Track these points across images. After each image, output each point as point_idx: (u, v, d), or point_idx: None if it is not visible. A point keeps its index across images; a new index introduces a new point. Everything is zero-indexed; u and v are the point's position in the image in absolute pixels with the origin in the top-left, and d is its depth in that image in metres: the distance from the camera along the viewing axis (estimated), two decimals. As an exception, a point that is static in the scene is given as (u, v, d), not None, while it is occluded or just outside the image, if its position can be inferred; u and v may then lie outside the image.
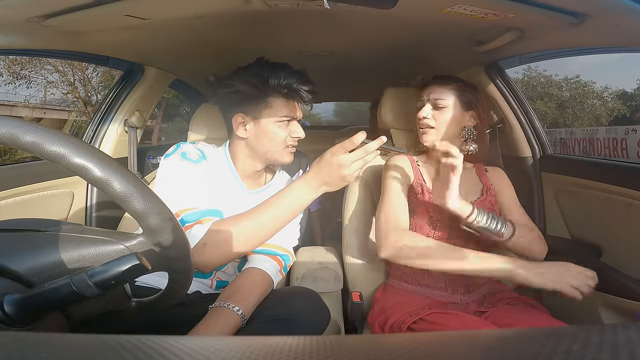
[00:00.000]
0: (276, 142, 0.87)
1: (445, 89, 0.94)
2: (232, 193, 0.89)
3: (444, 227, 0.93)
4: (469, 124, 0.96)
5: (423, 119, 0.94)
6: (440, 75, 0.98)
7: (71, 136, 0.38)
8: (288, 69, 0.86)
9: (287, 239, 0.92)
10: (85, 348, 0.18)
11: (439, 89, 0.95)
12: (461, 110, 0.94)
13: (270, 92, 0.85)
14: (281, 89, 0.84)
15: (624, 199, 0.93)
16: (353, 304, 0.96)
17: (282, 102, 0.85)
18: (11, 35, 0.87)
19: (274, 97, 0.85)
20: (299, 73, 0.86)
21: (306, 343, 0.19)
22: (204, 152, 0.88)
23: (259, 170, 0.93)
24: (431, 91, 0.95)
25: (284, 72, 0.84)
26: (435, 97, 0.94)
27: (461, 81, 0.97)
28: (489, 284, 0.94)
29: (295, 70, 0.87)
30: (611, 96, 12.28)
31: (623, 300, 0.91)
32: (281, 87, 0.84)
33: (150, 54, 1.29)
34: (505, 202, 0.96)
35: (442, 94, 0.94)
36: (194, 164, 0.83)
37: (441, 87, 0.95)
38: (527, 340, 0.20)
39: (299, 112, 0.89)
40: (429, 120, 0.94)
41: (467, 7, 0.78)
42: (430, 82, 0.97)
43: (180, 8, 0.87)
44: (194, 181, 0.81)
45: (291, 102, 0.87)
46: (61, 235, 0.43)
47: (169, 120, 9.81)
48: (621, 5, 0.67)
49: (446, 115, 0.94)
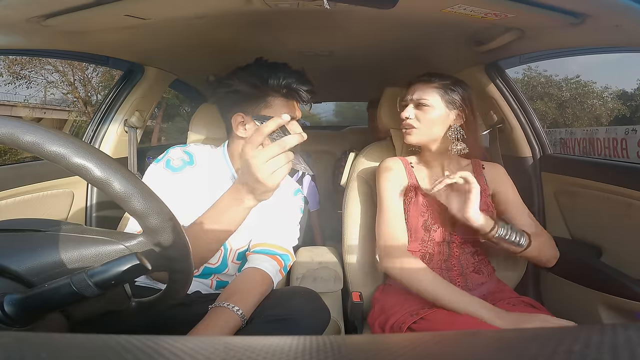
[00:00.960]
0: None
1: (428, 88, 0.94)
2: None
3: (438, 230, 0.93)
4: (455, 123, 0.95)
5: (406, 119, 0.95)
6: (427, 73, 0.97)
7: (71, 136, 0.38)
8: (287, 69, 0.86)
9: (287, 239, 0.92)
10: (85, 348, 0.18)
11: (422, 87, 0.94)
12: (445, 109, 0.93)
13: (270, 92, 0.85)
14: (280, 88, 0.84)
15: (624, 199, 0.93)
16: (353, 304, 0.96)
17: (281, 101, 0.85)
18: (11, 35, 0.87)
19: (273, 96, 0.85)
20: (298, 73, 0.86)
21: (306, 343, 0.19)
22: (193, 155, 0.88)
23: None
24: (414, 90, 0.95)
25: (283, 72, 0.84)
26: (418, 96, 0.94)
27: (449, 79, 0.95)
28: (489, 284, 0.94)
29: (294, 70, 0.87)
30: (611, 96, 12.29)
31: (623, 300, 0.91)
32: (280, 86, 0.84)
33: (150, 54, 1.29)
34: (509, 204, 0.95)
35: (425, 93, 0.93)
36: (174, 173, 0.84)
37: (425, 85, 0.94)
38: (527, 340, 0.20)
39: (298, 112, 0.89)
40: (411, 120, 0.94)
41: (467, 7, 0.78)
42: (414, 81, 0.97)
43: (180, 8, 0.87)
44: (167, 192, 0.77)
45: (290, 102, 0.87)
46: (61, 235, 0.43)
47: (169, 120, 9.81)
48: (621, 5, 0.67)
49: (429, 114, 0.93)
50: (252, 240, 0.91)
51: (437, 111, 0.93)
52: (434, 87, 0.94)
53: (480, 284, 0.93)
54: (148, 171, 0.86)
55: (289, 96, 0.86)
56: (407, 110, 0.95)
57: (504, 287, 0.96)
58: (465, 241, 0.94)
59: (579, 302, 1.03)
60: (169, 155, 0.86)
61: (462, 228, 0.92)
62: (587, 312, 1.00)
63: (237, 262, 0.91)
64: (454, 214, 0.86)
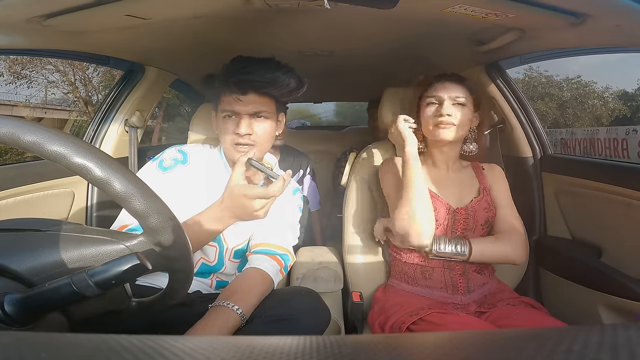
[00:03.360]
0: (223, 138, 0.86)
1: (462, 87, 0.94)
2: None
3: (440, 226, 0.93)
4: (474, 125, 0.97)
5: (446, 116, 0.91)
6: (452, 73, 0.97)
7: (72, 136, 0.38)
8: (241, 63, 0.83)
9: (287, 238, 0.92)
10: (85, 348, 0.18)
11: (455, 87, 0.93)
12: (472, 109, 0.94)
13: (221, 88, 0.84)
14: (225, 83, 0.83)
15: (624, 199, 0.93)
16: (353, 304, 0.96)
17: (226, 97, 0.84)
18: (12, 35, 0.87)
19: (223, 92, 0.84)
20: (245, 65, 0.82)
21: (306, 343, 0.19)
22: (187, 154, 0.88)
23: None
24: (447, 88, 0.93)
25: (234, 67, 0.82)
26: (455, 94, 0.92)
27: (471, 82, 0.97)
28: (489, 284, 0.94)
29: (248, 63, 0.83)
30: (612, 96, 12.26)
31: (623, 300, 0.91)
32: (225, 81, 0.82)
33: (150, 54, 1.29)
34: (495, 198, 0.97)
35: (461, 91, 0.93)
36: (164, 172, 0.84)
37: (458, 85, 0.94)
38: (527, 340, 0.20)
39: (243, 107, 0.82)
40: (452, 117, 0.91)
41: (467, 7, 0.78)
42: (446, 79, 0.95)
43: (180, 8, 0.87)
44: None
45: (231, 96, 0.83)
46: (61, 235, 0.43)
47: (170, 120, 9.81)
48: (621, 5, 0.67)
49: (464, 113, 0.93)
50: (252, 241, 0.91)
51: (470, 111, 0.94)
52: (466, 86, 0.94)
53: (482, 284, 0.93)
54: (141, 169, 0.87)
55: (228, 91, 0.83)
56: (447, 106, 0.92)
57: (504, 288, 0.96)
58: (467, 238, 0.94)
59: (579, 302, 1.03)
60: (163, 155, 0.87)
61: (464, 226, 0.93)
62: (587, 312, 1.00)
63: (234, 260, 0.91)
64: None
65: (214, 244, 0.87)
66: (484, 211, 0.93)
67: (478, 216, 0.93)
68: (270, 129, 0.86)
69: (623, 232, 0.95)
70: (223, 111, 0.84)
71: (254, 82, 0.81)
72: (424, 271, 0.93)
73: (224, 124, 0.85)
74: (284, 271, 0.89)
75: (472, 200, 0.95)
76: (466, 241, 0.89)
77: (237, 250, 0.91)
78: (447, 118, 0.91)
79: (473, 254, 0.88)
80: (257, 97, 0.82)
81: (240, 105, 0.82)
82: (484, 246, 0.89)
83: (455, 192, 0.96)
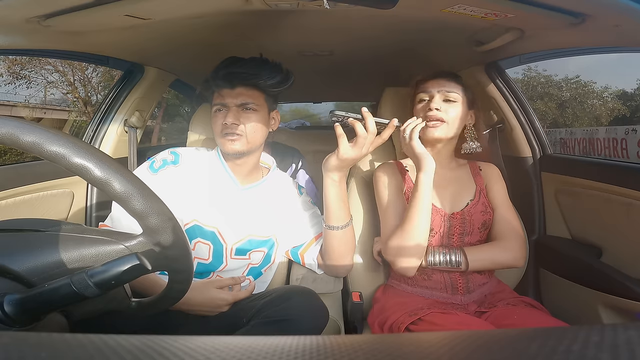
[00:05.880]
0: (215, 131, 0.90)
1: (454, 83, 0.93)
2: (225, 189, 0.91)
3: (437, 233, 0.92)
4: (470, 123, 0.97)
5: (434, 111, 0.90)
6: (445, 70, 0.98)
7: (71, 136, 0.38)
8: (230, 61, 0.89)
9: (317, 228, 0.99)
10: (85, 348, 0.18)
11: (448, 83, 0.93)
12: (466, 107, 0.94)
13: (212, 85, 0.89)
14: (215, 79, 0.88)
15: (624, 199, 0.93)
16: (353, 304, 0.96)
17: (217, 92, 0.89)
18: (11, 35, 0.87)
19: (214, 88, 0.90)
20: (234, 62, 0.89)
21: (306, 343, 0.19)
22: (179, 155, 0.90)
23: (250, 166, 0.94)
24: (441, 84, 0.93)
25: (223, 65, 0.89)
26: (446, 90, 0.92)
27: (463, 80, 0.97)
28: (489, 284, 0.94)
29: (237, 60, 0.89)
30: (611, 96, 12.27)
31: (623, 300, 0.91)
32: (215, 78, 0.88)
33: (150, 54, 1.29)
34: (493, 199, 0.96)
35: (453, 87, 0.93)
36: (153, 174, 0.87)
37: (450, 81, 0.94)
38: (527, 340, 0.20)
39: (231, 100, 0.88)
40: (441, 113, 0.90)
41: (467, 7, 0.77)
42: (438, 75, 0.95)
43: (180, 8, 0.87)
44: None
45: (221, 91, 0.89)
46: (61, 235, 0.43)
47: (169, 120, 9.80)
48: (621, 5, 0.67)
49: (456, 109, 0.92)
50: (299, 249, 0.98)
51: (462, 108, 0.93)
52: (459, 83, 0.94)
53: (481, 284, 0.93)
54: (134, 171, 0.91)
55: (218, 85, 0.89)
56: (436, 101, 0.90)
57: (504, 287, 0.96)
58: (465, 242, 0.93)
59: (579, 302, 1.03)
60: (156, 157, 0.90)
61: (460, 231, 0.93)
62: (587, 312, 1.00)
63: (236, 257, 0.91)
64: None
65: (207, 242, 0.88)
66: (481, 214, 0.93)
67: (475, 220, 0.92)
68: (259, 122, 0.89)
69: (623, 232, 0.95)
70: (214, 105, 0.89)
71: (240, 74, 0.86)
72: (424, 272, 0.93)
73: (214, 118, 0.89)
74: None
75: (468, 204, 0.94)
76: (461, 252, 0.88)
77: (239, 247, 0.91)
78: (436, 112, 0.90)
79: (471, 265, 0.86)
80: (245, 90, 0.88)
81: (229, 98, 0.87)
82: (480, 256, 0.88)
83: (450, 195, 0.96)
